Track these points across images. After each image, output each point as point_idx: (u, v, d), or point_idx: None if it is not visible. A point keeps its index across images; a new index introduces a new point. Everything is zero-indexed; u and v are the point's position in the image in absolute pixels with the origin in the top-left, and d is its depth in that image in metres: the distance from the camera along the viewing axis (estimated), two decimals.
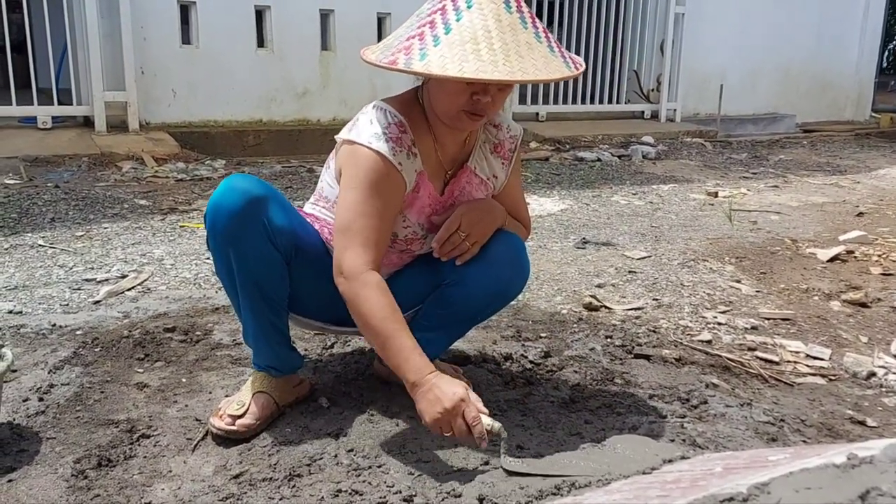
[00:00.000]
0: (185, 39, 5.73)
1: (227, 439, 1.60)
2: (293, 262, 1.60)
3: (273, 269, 1.56)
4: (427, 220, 1.65)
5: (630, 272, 2.98)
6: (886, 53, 15.81)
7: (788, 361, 2.17)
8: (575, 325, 2.37)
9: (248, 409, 1.63)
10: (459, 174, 1.67)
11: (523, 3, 1.46)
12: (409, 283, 1.72)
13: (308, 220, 1.69)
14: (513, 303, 2.55)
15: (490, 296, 1.68)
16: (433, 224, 1.66)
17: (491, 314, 1.80)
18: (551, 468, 1.47)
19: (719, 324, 2.44)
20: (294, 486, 1.43)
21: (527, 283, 1.73)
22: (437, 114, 1.55)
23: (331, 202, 1.65)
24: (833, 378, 2.07)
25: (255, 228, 1.51)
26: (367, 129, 1.53)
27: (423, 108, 1.59)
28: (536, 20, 1.46)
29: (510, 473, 1.45)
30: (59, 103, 5.49)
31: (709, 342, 2.28)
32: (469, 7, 1.40)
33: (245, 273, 1.55)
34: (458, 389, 1.39)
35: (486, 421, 1.41)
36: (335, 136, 1.62)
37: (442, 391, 1.39)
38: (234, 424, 1.60)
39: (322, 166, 1.83)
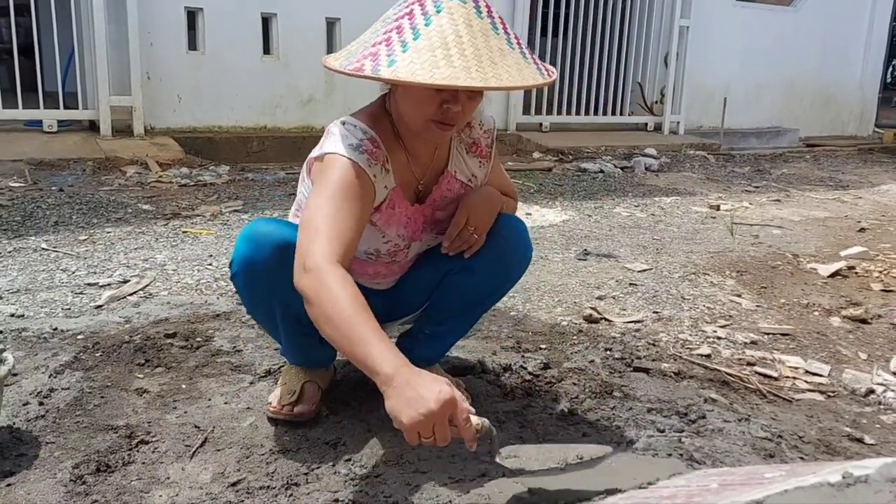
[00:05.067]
0: (192, 45, 5.76)
1: (286, 422, 1.71)
2: None
3: None
4: (410, 231, 1.65)
5: (631, 285, 2.99)
6: (890, 69, 15.82)
7: (787, 377, 2.17)
8: (575, 337, 2.37)
9: (300, 395, 1.72)
10: (441, 180, 1.65)
11: (493, 9, 1.41)
12: (415, 280, 1.75)
13: None
14: (512, 313, 2.56)
15: (497, 280, 1.71)
16: (426, 228, 1.67)
17: (499, 298, 1.82)
18: (549, 469, 1.38)
19: (719, 338, 2.44)
20: (291, 495, 1.43)
21: (530, 263, 1.78)
22: (405, 123, 1.52)
23: None
24: (832, 395, 2.07)
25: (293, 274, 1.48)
26: (340, 143, 1.48)
27: (391, 119, 1.55)
28: (507, 26, 1.42)
29: (509, 471, 1.38)
30: (65, 107, 5.51)
31: (708, 356, 2.28)
32: (438, 11, 1.34)
33: (287, 314, 1.61)
34: (443, 387, 1.19)
35: (475, 420, 1.25)
36: (310, 156, 1.56)
37: (425, 388, 1.18)
38: (293, 412, 1.70)
39: None
